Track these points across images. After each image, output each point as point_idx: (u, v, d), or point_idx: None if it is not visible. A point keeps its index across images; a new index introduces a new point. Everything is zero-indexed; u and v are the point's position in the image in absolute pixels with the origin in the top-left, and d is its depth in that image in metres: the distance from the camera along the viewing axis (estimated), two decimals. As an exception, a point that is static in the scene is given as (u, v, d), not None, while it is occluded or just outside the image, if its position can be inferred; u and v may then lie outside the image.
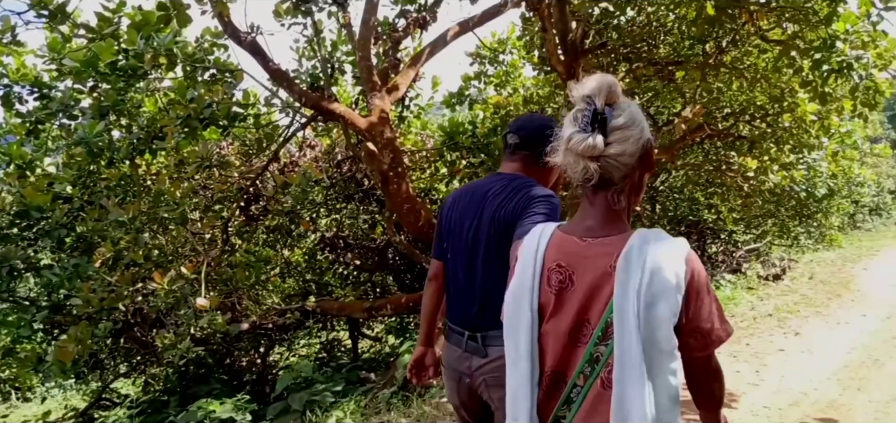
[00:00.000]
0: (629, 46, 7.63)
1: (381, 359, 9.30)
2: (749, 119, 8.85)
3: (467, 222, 2.36)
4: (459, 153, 8.69)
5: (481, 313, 2.28)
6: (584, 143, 1.49)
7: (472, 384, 2.33)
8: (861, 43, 6.56)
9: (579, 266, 1.56)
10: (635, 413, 1.41)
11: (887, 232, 23.10)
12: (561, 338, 1.55)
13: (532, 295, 1.60)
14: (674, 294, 1.45)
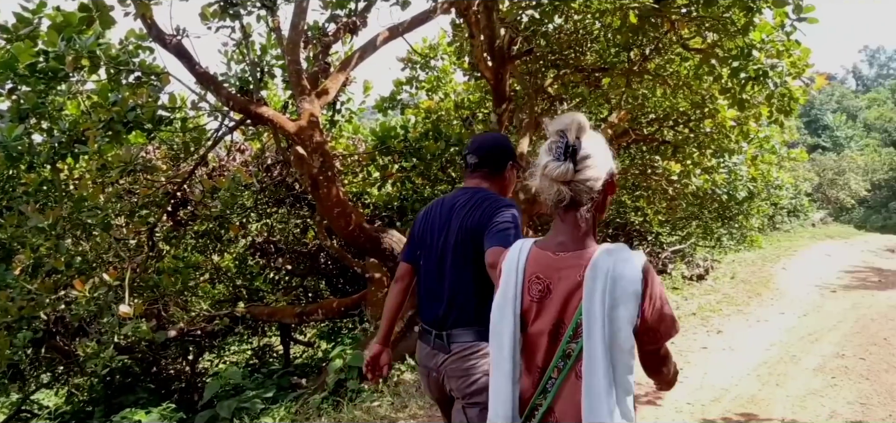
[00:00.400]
0: (557, 53, 7.78)
1: (313, 364, 9.22)
2: (672, 124, 9.13)
3: (438, 231, 2.61)
4: (391, 157, 8.70)
5: (448, 312, 2.52)
6: (557, 170, 1.73)
7: (438, 378, 2.57)
8: (776, 52, 6.87)
9: (554, 276, 1.80)
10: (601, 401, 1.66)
11: (804, 233, 24.23)
12: (544, 339, 1.80)
13: (515, 303, 1.83)
14: (632, 300, 1.69)
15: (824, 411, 5.20)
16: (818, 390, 5.71)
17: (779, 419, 5.05)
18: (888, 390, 5.65)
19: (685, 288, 11.25)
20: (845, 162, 38.01)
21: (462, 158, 2.84)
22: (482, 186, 2.64)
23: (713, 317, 8.88)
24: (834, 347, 7.13)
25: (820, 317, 8.85)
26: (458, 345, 2.47)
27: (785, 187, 19.85)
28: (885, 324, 8.22)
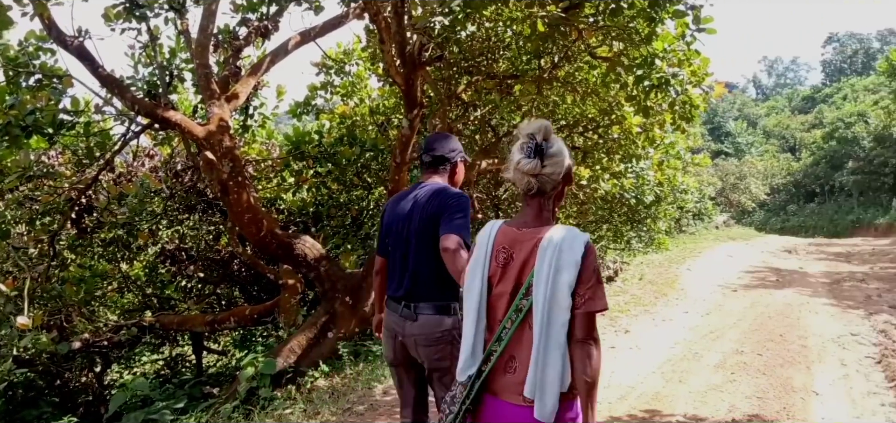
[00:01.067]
0: (470, 60, 7.81)
1: (227, 373, 8.92)
2: (582, 131, 9.30)
3: (402, 220, 3.06)
4: (306, 163, 8.53)
5: (413, 286, 2.97)
6: (528, 165, 2.16)
7: (405, 342, 2.99)
8: (677, 61, 7.09)
9: (517, 247, 2.20)
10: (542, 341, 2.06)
11: (708, 235, 25.23)
12: (505, 299, 2.20)
13: (484, 268, 2.24)
14: (573, 268, 2.08)
15: (724, 405, 5.37)
16: (718, 385, 5.90)
17: (681, 414, 5.19)
18: (783, 383, 5.89)
19: (596, 289, 11.47)
20: (746, 167, 39.92)
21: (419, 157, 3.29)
22: (436, 180, 3.12)
23: (621, 317, 9.07)
24: (734, 344, 7.39)
25: (721, 315, 9.18)
26: (424, 317, 2.92)
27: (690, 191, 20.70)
28: (781, 321, 8.60)
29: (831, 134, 41.00)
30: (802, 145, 47.14)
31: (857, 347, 7.17)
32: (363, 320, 6.82)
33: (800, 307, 9.57)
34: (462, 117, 9.00)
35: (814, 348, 7.13)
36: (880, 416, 5.03)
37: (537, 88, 7.94)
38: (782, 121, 54.56)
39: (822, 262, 16.82)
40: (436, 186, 3.05)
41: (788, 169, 44.88)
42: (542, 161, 2.15)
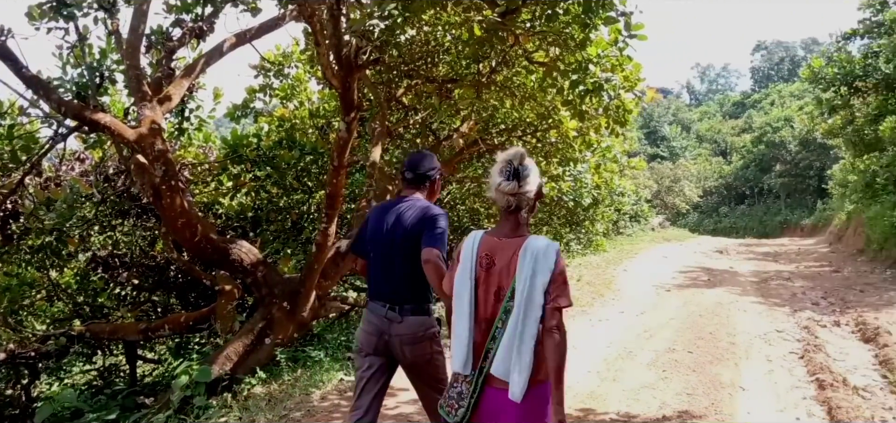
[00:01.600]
0: (410, 64, 7.77)
1: (164, 382, 8.62)
2: (521, 134, 9.37)
3: (385, 230, 3.38)
4: (244, 166, 8.34)
5: (399, 292, 3.31)
6: (508, 186, 2.56)
7: (389, 341, 3.30)
8: (611, 66, 7.20)
9: (498, 254, 2.59)
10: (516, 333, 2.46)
11: (644, 236, 25.76)
12: (489, 298, 2.57)
13: (472, 273, 2.60)
14: (547, 271, 2.48)
15: (655, 403, 5.46)
16: (651, 383, 6.01)
17: (614, 412, 5.25)
18: (712, 380, 6.04)
19: (536, 291, 11.55)
20: (680, 170, 41.00)
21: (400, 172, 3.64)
22: (418, 195, 3.47)
23: (560, 318, 9.16)
24: (666, 342, 7.55)
25: (655, 315, 9.36)
26: (409, 319, 3.28)
27: (627, 194, 21.14)
28: (711, 319, 8.83)
29: (760, 138, 42.53)
30: (733, 149, 48.69)
31: (781, 343, 7.42)
32: (302, 326, 6.70)
33: (729, 306, 9.85)
34: (402, 121, 8.96)
35: (741, 345, 7.34)
36: (801, 409, 5.21)
37: (476, 93, 7.95)
38: (714, 126, 56.25)
39: (751, 262, 17.38)
40: (419, 202, 3.42)
41: (720, 172, 46.30)
42: (519, 182, 2.57)
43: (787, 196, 40.27)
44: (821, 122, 20.97)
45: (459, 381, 2.61)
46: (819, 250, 21.14)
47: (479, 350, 2.57)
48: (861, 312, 8.95)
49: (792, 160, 39.02)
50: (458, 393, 2.61)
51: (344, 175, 6.25)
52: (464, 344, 2.56)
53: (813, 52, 48.01)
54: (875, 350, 6.89)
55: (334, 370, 6.39)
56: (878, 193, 18.90)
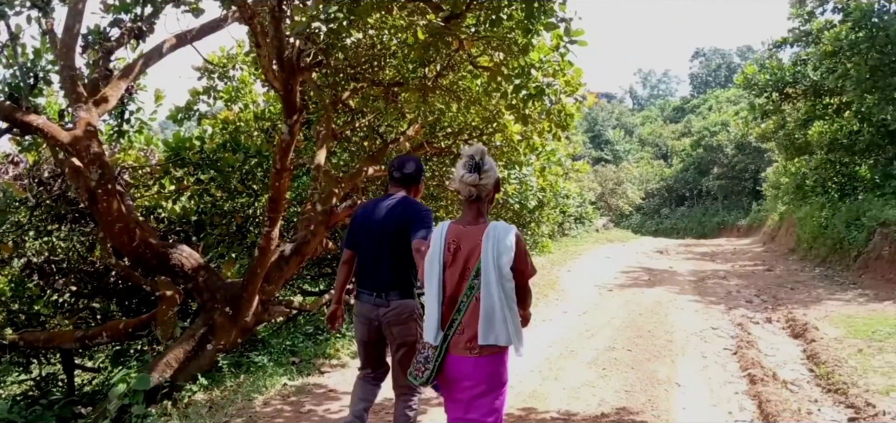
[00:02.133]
0: (356, 67, 7.69)
1: (103, 391, 8.32)
2: (467, 138, 9.35)
3: (374, 225, 3.75)
4: (187, 170, 8.12)
5: (387, 280, 3.68)
6: (470, 178, 2.87)
7: (379, 324, 3.72)
8: (552, 71, 7.26)
9: (463, 239, 2.90)
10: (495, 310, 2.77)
11: (589, 238, 26.13)
12: (455, 278, 2.89)
13: (440, 257, 2.92)
14: (510, 251, 2.80)
15: (595, 400, 5.52)
16: (591, 381, 6.08)
17: (555, 411, 5.29)
18: (649, 377, 6.15)
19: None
20: (623, 173, 41.73)
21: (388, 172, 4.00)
22: (401, 192, 3.83)
23: (506, 318, 9.19)
24: (607, 341, 7.66)
25: (597, 314, 9.50)
26: (396, 303, 3.65)
27: (572, 196, 21.40)
28: (650, 318, 9.00)
29: (698, 142, 43.64)
30: (673, 152, 49.86)
31: (716, 340, 7.61)
32: (245, 331, 6.56)
33: (668, 304, 10.06)
34: (349, 124, 8.86)
35: (678, 342, 7.50)
36: (733, 403, 5.34)
37: (422, 96, 7.92)
38: (655, 130, 57.49)
39: (690, 261, 17.81)
40: (405, 199, 3.79)
41: (661, 175, 47.34)
42: (479, 174, 2.88)
43: (724, 198, 41.40)
44: (754, 126, 21.65)
45: (426, 348, 2.97)
46: (753, 250, 21.80)
47: (444, 322, 2.90)
48: (791, 308, 9.26)
49: (728, 163, 40.16)
50: (425, 358, 2.96)
51: (287, 178, 6.15)
52: (433, 318, 2.91)
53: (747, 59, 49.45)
54: (803, 345, 7.13)
55: (278, 374, 6.27)
56: (808, 194, 19.62)
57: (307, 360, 6.88)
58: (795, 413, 4.88)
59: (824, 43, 15.74)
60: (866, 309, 9.22)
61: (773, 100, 18.99)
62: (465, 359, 2.87)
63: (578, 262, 17.17)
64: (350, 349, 7.26)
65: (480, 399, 2.91)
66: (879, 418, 4.69)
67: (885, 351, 6.72)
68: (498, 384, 2.95)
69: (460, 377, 2.90)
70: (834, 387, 5.53)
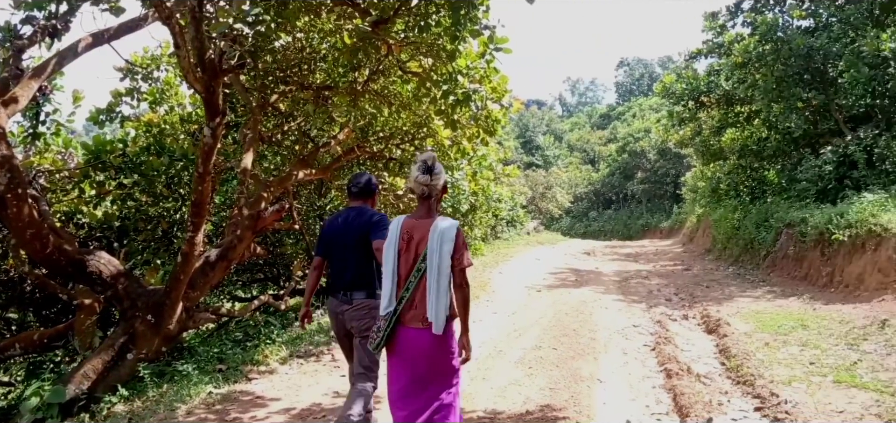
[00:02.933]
0: (285, 70, 7.50)
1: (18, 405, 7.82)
2: (399, 142, 9.27)
3: (340, 233, 4.26)
4: (108, 173, 7.74)
5: (352, 280, 4.16)
6: (423, 178, 3.35)
7: (343, 319, 4.20)
8: (479, 77, 7.26)
9: (415, 231, 3.35)
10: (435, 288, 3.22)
11: (520, 240, 26.39)
12: (408, 262, 3.34)
13: (395, 246, 3.38)
14: (451, 242, 3.27)
15: (521, 398, 5.51)
16: (517, 380, 6.07)
17: (481, 410, 5.25)
18: (573, 374, 6.19)
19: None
20: (553, 178, 42.44)
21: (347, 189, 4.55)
22: (361, 204, 4.36)
23: (436, 320, 9.12)
24: (534, 340, 7.68)
25: (526, 314, 9.53)
26: (358, 301, 4.14)
27: (503, 200, 21.57)
28: (575, 317, 9.09)
29: (623, 148, 44.80)
30: (600, 158, 51.03)
31: (637, 337, 7.74)
32: (168, 339, 6.28)
33: (593, 304, 10.21)
34: (279, 127, 8.64)
35: (601, 340, 7.60)
36: (651, 397, 5.42)
37: (352, 100, 7.80)
38: (583, 136, 58.70)
39: (615, 262, 18.17)
40: (362, 209, 4.31)
41: (589, 179, 48.37)
42: (431, 176, 3.38)
43: (647, 201, 42.62)
44: (673, 133, 22.35)
45: (380, 320, 3.43)
46: (674, 250, 22.47)
47: (399, 293, 3.37)
48: (706, 306, 9.54)
49: (651, 168, 41.37)
50: (378, 328, 3.43)
51: (209, 182, 5.91)
52: (387, 295, 3.39)
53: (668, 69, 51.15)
54: (716, 340, 7.33)
55: (203, 383, 6.01)
56: (722, 198, 20.36)
57: (234, 367, 6.63)
58: (707, 405, 4.99)
59: (735, 55, 16.36)
60: (773, 305, 9.60)
61: (690, 108, 19.66)
62: (414, 330, 3.33)
63: (509, 264, 17.26)
64: (279, 355, 7.05)
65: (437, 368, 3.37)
66: (781, 406, 4.84)
67: (788, 344, 6.99)
68: (447, 353, 3.37)
69: (409, 344, 3.35)
70: (742, 379, 5.70)
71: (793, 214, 13.42)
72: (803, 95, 15.14)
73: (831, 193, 13.67)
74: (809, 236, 11.73)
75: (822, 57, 14.72)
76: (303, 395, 5.73)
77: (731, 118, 19.23)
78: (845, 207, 11.24)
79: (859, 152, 13.42)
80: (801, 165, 15.72)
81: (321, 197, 11.42)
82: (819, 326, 7.77)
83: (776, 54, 14.95)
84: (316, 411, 5.34)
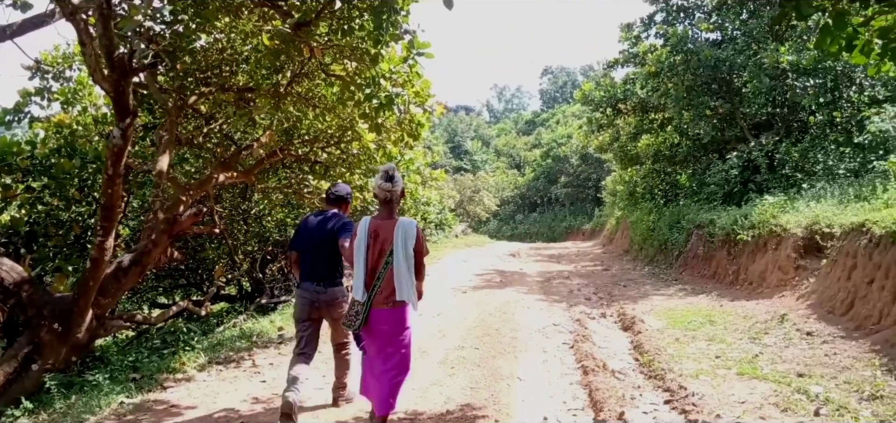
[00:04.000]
0: (206, 71, 7.21)
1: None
2: (324, 146, 9.07)
3: (315, 232, 4.98)
4: (15, 176, 7.24)
5: (324, 274, 4.91)
6: (386, 185, 4.05)
7: (318, 305, 4.92)
8: (402, 81, 7.18)
9: (381, 230, 4.03)
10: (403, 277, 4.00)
11: (448, 243, 26.43)
12: (375, 256, 4.02)
13: (365, 242, 4.03)
14: (413, 238, 4.02)
15: (442, 398, 5.46)
16: (440, 380, 6.01)
17: (402, 411, 5.15)
18: (493, 373, 6.18)
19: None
20: (480, 182, 42.84)
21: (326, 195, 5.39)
22: (334, 210, 5.13)
23: (362, 322, 8.98)
24: (457, 341, 7.65)
25: (451, 315, 9.50)
26: (330, 289, 4.92)
27: (432, 204, 21.53)
28: (499, 317, 9.12)
29: (548, 153, 45.68)
30: (526, 163, 51.84)
31: (557, 335, 7.84)
32: (77, 348, 5.91)
33: (516, 304, 10.29)
34: (198, 130, 8.30)
35: (523, 339, 7.64)
36: (568, 393, 5.48)
37: (275, 103, 7.56)
38: (510, 141, 59.53)
39: (539, 263, 18.44)
40: (336, 214, 5.10)
41: (515, 183, 49.06)
42: (392, 183, 4.09)
43: (570, 204, 43.57)
44: (593, 138, 22.90)
45: (356, 305, 4.14)
46: (594, 252, 23.03)
47: (368, 286, 4.08)
48: (623, 304, 9.77)
49: (574, 173, 42.34)
50: (356, 312, 4.12)
51: (119, 185, 5.59)
52: (360, 284, 4.08)
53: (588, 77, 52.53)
54: (631, 337, 7.51)
55: (115, 393, 5.67)
56: (639, 201, 21.01)
57: (149, 375, 6.30)
58: (620, 399, 5.07)
59: (649, 64, 16.92)
60: (684, 302, 9.93)
61: (608, 115, 20.20)
62: (384, 310, 4.10)
63: (437, 266, 17.25)
64: (197, 362, 6.76)
65: (395, 338, 4.17)
66: (689, 399, 4.98)
67: (697, 339, 7.22)
68: (404, 326, 4.20)
69: (380, 322, 4.12)
70: (654, 374, 5.84)
71: (702, 216, 13.95)
72: (711, 103, 15.80)
73: (737, 196, 14.30)
74: (717, 236, 12.21)
75: (727, 68, 15.40)
76: (220, 402, 5.49)
77: (646, 125, 19.86)
78: (749, 209, 11.77)
79: (762, 157, 14.09)
80: (709, 170, 16.40)
81: (245, 200, 11.08)
82: (725, 321, 8.08)
83: (686, 65, 15.54)
84: (233, 417, 5.12)
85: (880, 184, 8.87)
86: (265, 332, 8.24)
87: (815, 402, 4.88)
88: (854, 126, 12.55)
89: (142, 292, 10.40)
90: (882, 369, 5.54)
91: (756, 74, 14.01)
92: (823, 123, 13.31)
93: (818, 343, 6.63)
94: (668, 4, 18.18)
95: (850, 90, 13.17)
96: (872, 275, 7.00)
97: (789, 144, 13.74)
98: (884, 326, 6.41)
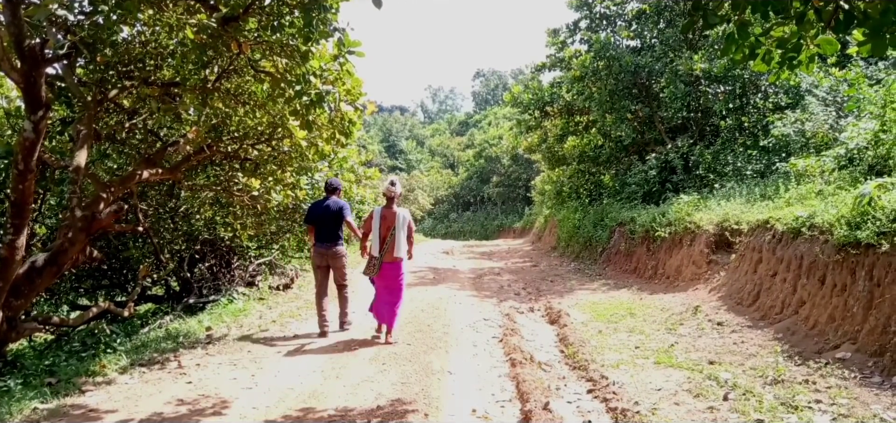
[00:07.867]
0: (129, 64, 6.82)
1: None
2: (254, 142, 8.75)
3: (322, 211, 7.80)
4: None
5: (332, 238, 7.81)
6: (390, 188, 7.22)
7: (327, 256, 7.80)
8: (333, 79, 7.00)
9: (388, 217, 7.15)
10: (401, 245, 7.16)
11: (383, 239, 26.11)
12: (385, 231, 7.10)
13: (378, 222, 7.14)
14: (407, 221, 7.25)
15: (372, 394, 5.34)
16: (371, 376, 5.89)
17: (333, 408, 5.01)
18: (425, 368, 6.10)
19: (270, 298, 10.93)
20: (415, 181, 42.74)
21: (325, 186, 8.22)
22: (334, 197, 7.94)
23: (292, 322, 8.75)
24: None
25: (383, 311, 9.35)
26: (334, 248, 7.81)
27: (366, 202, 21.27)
28: (431, 313, 9.05)
29: (480, 153, 46.01)
30: (459, 163, 52.07)
31: (487, 329, 7.83)
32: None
33: (448, 300, 10.24)
34: (120, 125, 7.85)
35: (454, 334, 7.60)
36: (497, 386, 5.47)
37: (202, 99, 7.23)
38: (444, 141, 59.65)
39: (471, 260, 18.48)
40: (337, 200, 7.89)
41: (449, 183, 49.20)
42: (395, 187, 7.11)
43: (502, 203, 44.03)
44: (522, 139, 23.17)
45: (373, 260, 7.07)
46: (524, 249, 23.29)
47: (381, 247, 6.97)
48: (550, 299, 9.88)
49: (505, 173, 42.80)
50: (373, 265, 7.07)
51: (32, 180, 5.20)
52: (376, 245, 6.98)
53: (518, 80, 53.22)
54: (557, 330, 7.58)
55: (27, 398, 5.29)
56: (566, 200, 21.38)
57: (67, 379, 5.91)
58: (546, 390, 5.08)
59: (574, 69, 17.24)
60: (607, 296, 10.13)
61: (536, 117, 20.47)
62: (391, 263, 7.05)
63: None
64: (119, 365, 6.39)
65: (396, 280, 7.15)
66: (610, 388, 5.04)
67: (618, 331, 7.36)
68: (401, 272, 7.14)
69: (387, 270, 7.08)
70: (578, 365, 5.90)
71: (624, 214, 14.31)
72: (632, 107, 16.23)
73: (656, 195, 14.73)
74: (637, 233, 12.53)
75: (646, 74, 15.85)
76: (142, 405, 5.19)
77: (571, 127, 20.23)
78: (666, 207, 12.13)
79: (678, 159, 14.56)
80: (630, 171, 16.84)
81: (172, 198, 10.57)
82: (644, 313, 8.27)
83: (609, 70, 15.91)
84: (155, 421, 4.85)
85: (783, 184, 9.28)
86: (192, 332, 7.89)
87: (724, 387, 5.03)
88: (760, 130, 13.12)
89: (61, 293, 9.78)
90: (783, 355, 5.78)
91: (672, 81, 14.47)
92: (733, 127, 13.87)
93: (727, 333, 6.87)
94: (591, 12, 18.57)
95: (756, 97, 13.77)
96: (775, 268, 7.30)
97: (703, 146, 14.25)
98: (785, 316, 6.69)
